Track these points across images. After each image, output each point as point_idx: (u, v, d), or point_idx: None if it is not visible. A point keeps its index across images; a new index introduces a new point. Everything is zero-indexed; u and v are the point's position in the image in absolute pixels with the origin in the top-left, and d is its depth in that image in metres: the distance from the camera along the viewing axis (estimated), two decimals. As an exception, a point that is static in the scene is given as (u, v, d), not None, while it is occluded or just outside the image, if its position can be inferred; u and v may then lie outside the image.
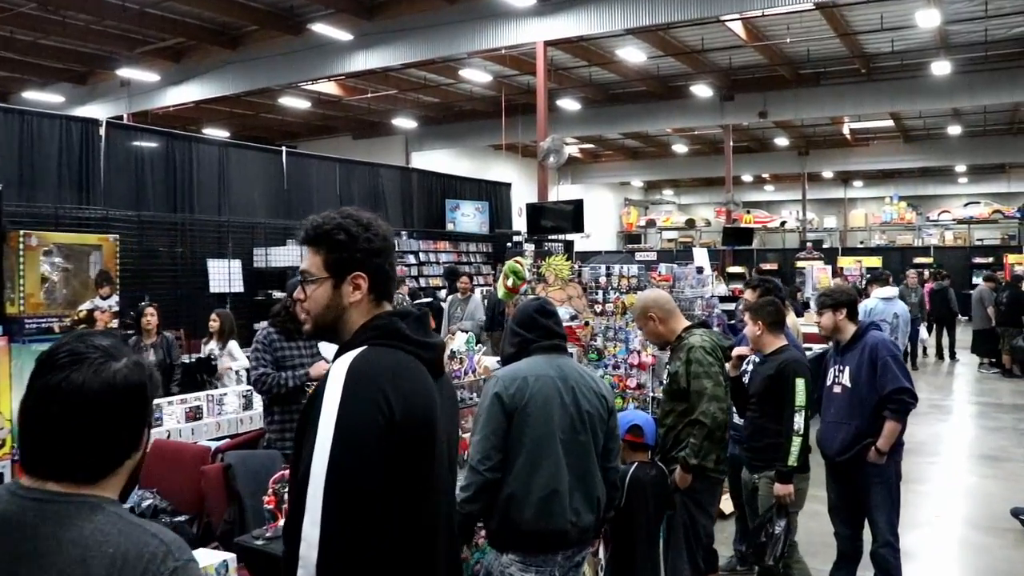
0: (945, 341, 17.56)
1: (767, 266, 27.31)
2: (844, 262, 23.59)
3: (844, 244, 35.18)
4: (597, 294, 5.70)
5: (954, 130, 29.40)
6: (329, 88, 24.63)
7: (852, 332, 4.94)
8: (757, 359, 5.02)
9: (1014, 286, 14.67)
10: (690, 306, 7.56)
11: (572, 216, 17.47)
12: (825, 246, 31.75)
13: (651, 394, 5.46)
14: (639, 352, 5.46)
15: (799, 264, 23.44)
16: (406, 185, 15.34)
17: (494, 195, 17.40)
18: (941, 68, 21.10)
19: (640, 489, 4.18)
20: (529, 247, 5.27)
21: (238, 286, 11.77)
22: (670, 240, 37.65)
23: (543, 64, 17.87)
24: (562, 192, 37.05)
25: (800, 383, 4.55)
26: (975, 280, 25.12)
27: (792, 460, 4.52)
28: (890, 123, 29.15)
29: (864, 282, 19.06)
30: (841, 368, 4.93)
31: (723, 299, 11.99)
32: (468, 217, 16.16)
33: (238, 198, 12.95)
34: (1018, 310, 14.21)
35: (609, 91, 26.39)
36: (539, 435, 3.28)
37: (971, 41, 20.68)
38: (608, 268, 5.81)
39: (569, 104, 25.99)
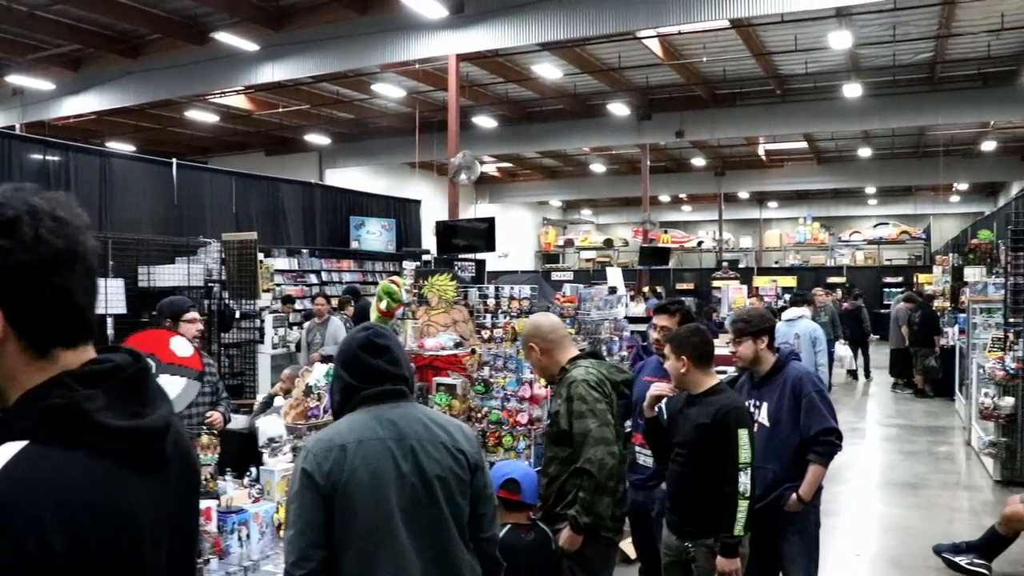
0: (860, 361, 17.41)
1: (683, 286, 27.10)
2: (760, 282, 23.48)
3: (760, 264, 35.37)
4: (485, 318, 5.02)
5: (864, 152, 29.78)
6: (238, 102, 23.66)
7: (771, 364, 4.36)
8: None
9: (926, 306, 14.51)
10: (596, 329, 6.98)
11: (485, 234, 16.84)
12: (741, 266, 31.76)
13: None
14: (531, 383, 4.78)
15: (715, 284, 23.29)
16: (308, 201, 14.52)
17: (403, 213, 16.68)
18: (852, 91, 21.22)
19: (512, 558, 3.18)
20: (409, 265, 4.63)
21: (119, 307, 10.78)
22: (588, 260, 37.36)
23: (455, 78, 17.26)
24: (480, 211, 36.53)
25: (744, 435, 3.75)
26: (886, 300, 25.38)
27: (739, 529, 3.72)
28: (804, 145, 29.35)
29: (783, 303, 18.94)
30: (758, 404, 4.33)
31: (635, 320, 11.51)
32: (374, 235, 15.40)
33: (122, 213, 11.96)
34: (931, 330, 14.01)
35: (526, 108, 25.98)
36: (371, 520, 2.46)
37: (880, 65, 20.83)
38: (497, 289, 5.15)
39: (485, 121, 25.47)
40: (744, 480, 3.72)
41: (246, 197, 13.53)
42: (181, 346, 3.46)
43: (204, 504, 3.54)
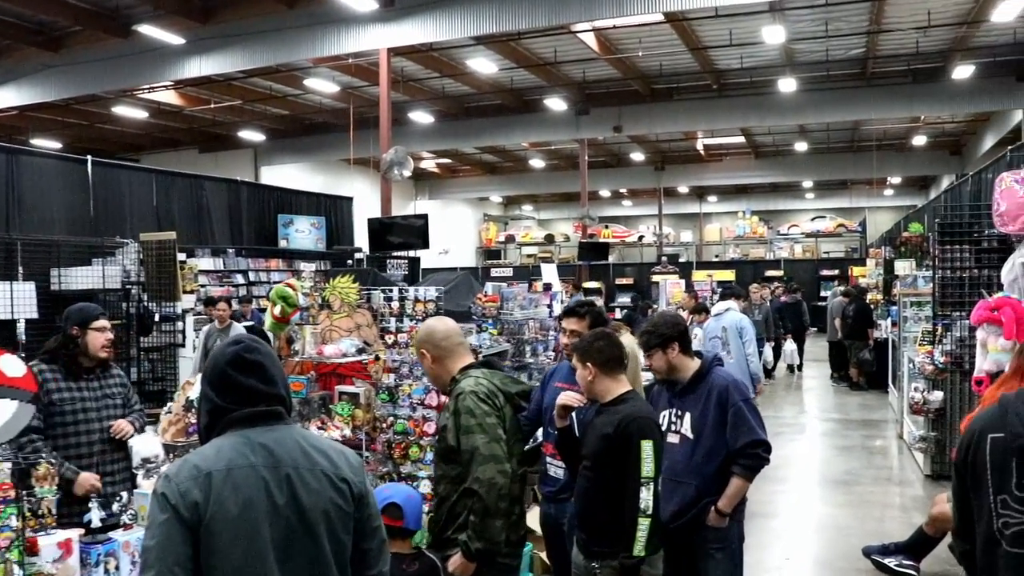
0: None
1: (623, 281, 27.00)
2: (697, 276, 23.45)
3: (700, 258, 35.50)
4: (389, 322, 4.70)
5: (801, 147, 30.02)
6: (168, 97, 22.97)
7: (693, 370, 4.07)
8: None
9: (860, 299, 14.49)
10: (519, 329, 6.72)
11: (420, 231, 16.50)
12: (682, 260, 31.81)
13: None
14: (438, 391, 4.48)
15: (654, 278, 23.21)
16: (235, 199, 14.02)
17: (334, 210, 16.24)
18: (788, 85, 21.30)
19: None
20: (308, 267, 4.33)
21: (30, 311, 10.21)
22: (529, 256, 37.12)
23: (386, 72, 16.87)
24: (419, 208, 36.14)
25: (647, 447, 3.42)
26: (823, 292, 25.58)
27: (639, 549, 3.38)
28: (741, 139, 29.49)
29: (717, 298, 18.88)
30: (679, 414, 4.04)
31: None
32: (303, 233, 14.95)
33: (34, 213, 11.37)
34: (864, 323, 14.02)
35: (463, 104, 25.66)
36: (241, 559, 2.12)
37: (814, 60, 20.93)
38: (402, 291, 4.84)
39: (422, 117, 25.09)
40: (646, 496, 3.40)
41: (168, 196, 13.00)
42: (12, 365, 3.10)
43: (64, 535, 3.20)
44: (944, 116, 26.36)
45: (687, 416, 4.00)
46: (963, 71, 20.31)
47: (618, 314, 16.60)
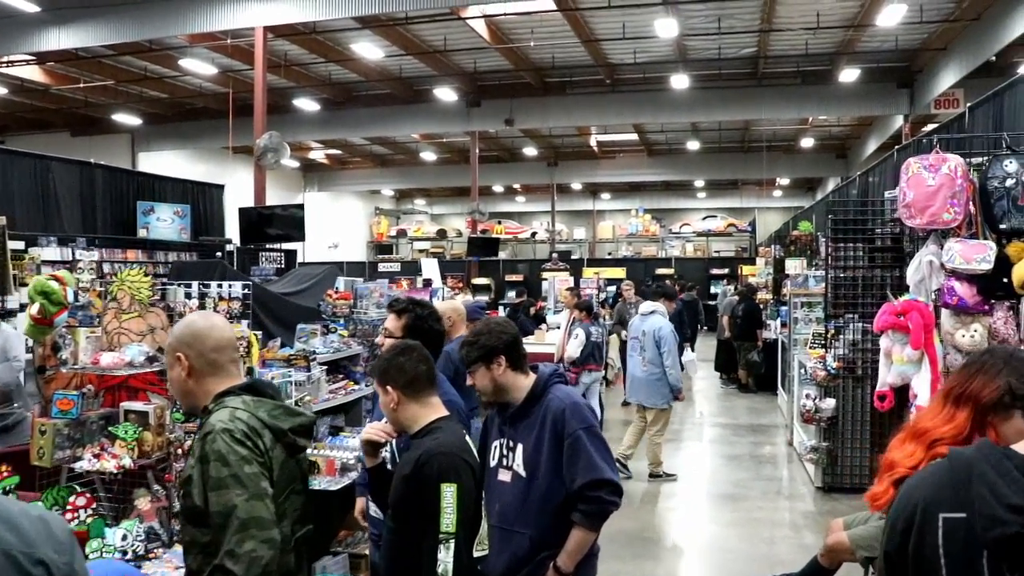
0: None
1: (513, 277, 26.40)
2: (587, 273, 23.06)
3: (593, 255, 35.25)
4: (189, 326, 3.84)
5: (693, 146, 30.00)
6: (31, 73, 21.22)
7: (526, 390, 3.22)
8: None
9: (749, 298, 14.10)
10: (374, 330, 5.91)
11: (297, 222, 15.50)
12: (575, 257, 31.42)
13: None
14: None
15: (544, 275, 22.70)
16: (87, 183, 12.72)
17: (201, 198, 15.05)
18: (680, 82, 21.08)
19: None
20: (87, 255, 3.53)
21: None
22: (421, 251, 36.28)
23: (262, 52, 15.83)
24: (308, 200, 34.84)
25: (449, 493, 2.73)
26: (713, 290, 25.55)
27: None
28: (635, 137, 29.25)
29: (604, 295, 18.43)
30: (511, 445, 3.20)
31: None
32: (165, 222, 13.74)
33: None
34: (753, 323, 13.63)
35: (351, 92, 24.64)
36: None
37: (707, 57, 20.73)
38: (203, 287, 3.96)
39: (308, 104, 23.98)
40: (444, 558, 2.70)
41: (5, 177, 11.67)
42: None
43: None
44: (831, 119, 26.72)
45: (519, 448, 3.17)
46: (849, 74, 20.49)
47: (502, 312, 15.86)
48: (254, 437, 2.44)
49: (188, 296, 3.97)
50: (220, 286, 3.96)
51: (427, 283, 13.43)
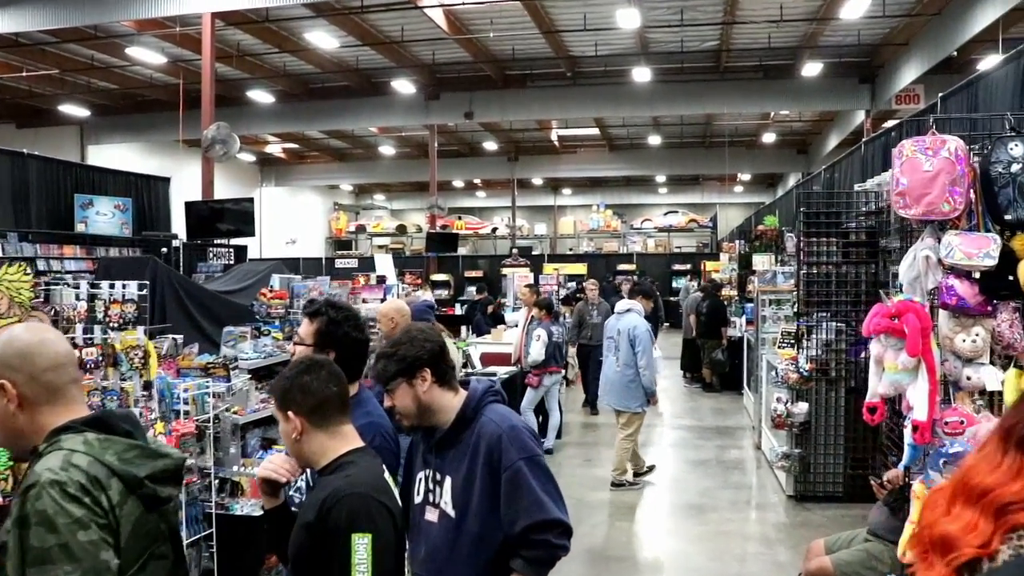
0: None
1: (473, 273, 25.84)
2: (547, 269, 22.57)
3: (554, 251, 34.83)
4: (74, 331, 3.23)
5: (655, 140, 29.65)
6: (-32, 61, 20.31)
7: (455, 412, 2.68)
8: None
9: (714, 295, 13.66)
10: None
11: (245, 217, 14.84)
12: (536, 252, 30.93)
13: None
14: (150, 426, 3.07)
15: (504, 271, 22.18)
16: (20, 175, 11.95)
17: (146, 192, 14.32)
18: (642, 75, 20.68)
19: None
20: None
21: None
22: (380, 246, 35.57)
23: (209, 38, 15.17)
24: (266, 195, 34.06)
25: (361, 545, 2.14)
26: (675, 285, 25.20)
27: None
28: (596, 131, 28.83)
29: (564, 291, 17.92)
30: (438, 478, 2.68)
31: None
32: (106, 216, 12.98)
33: None
34: (718, 321, 13.19)
35: (308, 84, 23.93)
36: None
37: (669, 50, 20.34)
38: (91, 288, 3.38)
39: (262, 96, 23.23)
40: None
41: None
42: None
43: None
44: (792, 114, 26.54)
45: (447, 482, 2.66)
46: (812, 68, 20.26)
47: (458, 310, 15.30)
48: (94, 491, 1.82)
49: (77, 298, 3.37)
50: (112, 286, 3.35)
51: (381, 280, 12.84)
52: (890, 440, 6.31)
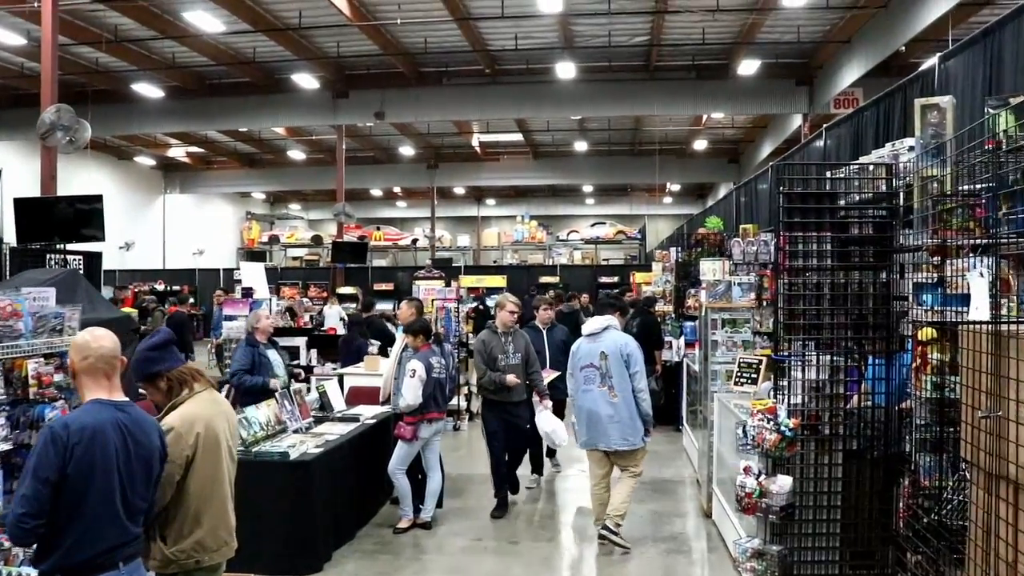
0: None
1: (382, 286, 23.19)
2: (467, 282, 20.07)
3: (478, 262, 32.47)
4: None
5: (581, 147, 27.47)
6: None
7: None
8: None
9: (646, 311, 11.18)
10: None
11: (93, 218, 12.02)
12: (457, 264, 28.43)
13: None
14: None
15: (419, 283, 19.64)
16: None
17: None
18: (566, 71, 18.52)
19: None
20: None
21: None
22: (295, 258, 32.73)
23: (51, 6, 12.28)
24: (171, 203, 31.01)
25: None
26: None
27: None
28: (519, 137, 26.53)
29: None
30: None
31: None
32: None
33: None
34: (651, 343, 10.59)
35: (205, 79, 21.14)
36: None
37: (596, 44, 18.17)
38: None
39: (151, 91, 20.33)
40: None
41: None
42: None
43: None
44: (724, 121, 24.63)
45: None
46: (748, 66, 18.36)
47: (341, 329, 12.64)
48: None
49: None
50: None
51: (247, 293, 10.26)
52: (914, 524, 4.00)
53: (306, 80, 19.72)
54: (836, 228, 4.67)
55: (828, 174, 4.91)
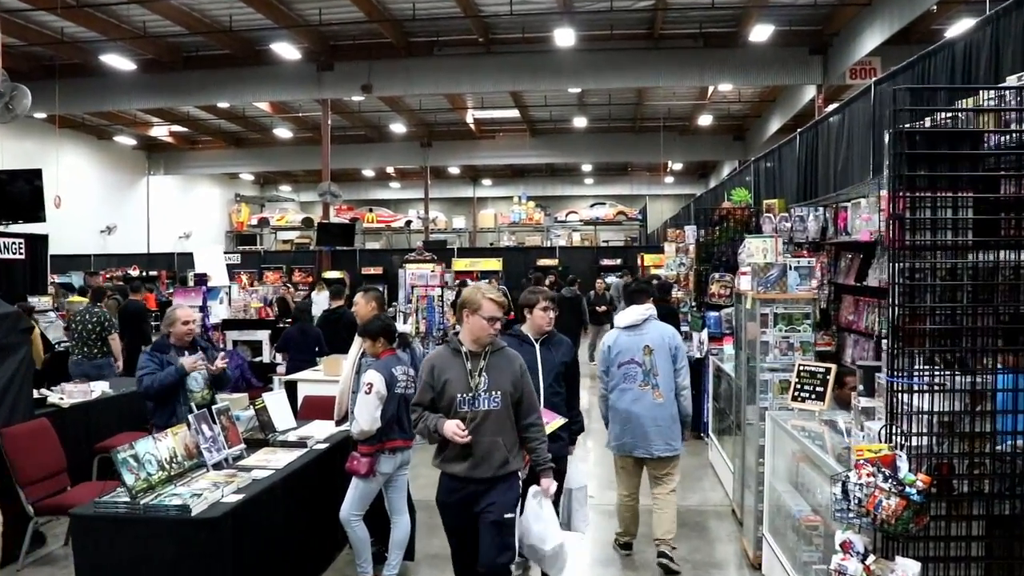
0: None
1: (371, 270, 21.55)
2: (459, 265, 18.47)
3: (474, 244, 30.86)
4: None
5: (580, 123, 25.74)
6: None
7: None
8: None
9: (662, 300, 9.44)
10: None
11: (29, 197, 10.42)
12: (451, 246, 26.81)
13: None
14: None
15: (410, 267, 18.05)
16: None
17: None
18: (565, 38, 16.84)
19: None
20: None
21: None
22: (286, 241, 31.10)
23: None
24: (154, 184, 29.32)
25: None
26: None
27: None
28: (516, 113, 24.83)
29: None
30: None
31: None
32: None
33: None
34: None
35: (181, 52, 19.46)
36: None
37: (597, 10, 16.48)
38: None
39: (122, 63, 18.61)
40: None
41: None
42: None
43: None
44: (731, 94, 22.92)
45: None
46: (760, 33, 16.54)
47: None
48: None
49: None
50: None
51: (200, 280, 8.69)
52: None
53: (288, 51, 18.06)
54: (978, 186, 3.06)
55: (966, 103, 3.23)
